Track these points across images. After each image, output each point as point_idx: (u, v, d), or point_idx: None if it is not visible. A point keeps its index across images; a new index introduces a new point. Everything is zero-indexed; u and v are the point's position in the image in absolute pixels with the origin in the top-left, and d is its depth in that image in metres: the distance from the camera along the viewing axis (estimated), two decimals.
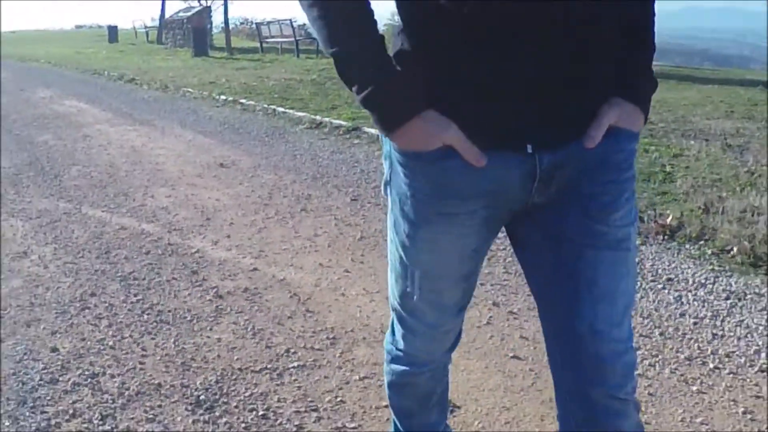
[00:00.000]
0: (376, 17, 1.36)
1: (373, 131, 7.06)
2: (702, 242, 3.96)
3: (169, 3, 37.10)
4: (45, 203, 5.12)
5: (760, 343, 2.89)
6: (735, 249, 3.77)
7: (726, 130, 7.22)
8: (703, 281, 3.49)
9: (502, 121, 1.31)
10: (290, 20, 23.74)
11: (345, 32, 1.31)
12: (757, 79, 13.03)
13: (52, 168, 6.35)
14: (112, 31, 37.61)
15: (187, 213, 4.82)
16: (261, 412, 2.44)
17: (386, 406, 2.44)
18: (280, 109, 9.34)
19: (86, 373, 2.71)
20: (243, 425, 2.37)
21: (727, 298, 3.29)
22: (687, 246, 3.95)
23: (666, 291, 3.38)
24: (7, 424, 2.39)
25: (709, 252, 3.83)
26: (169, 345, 2.93)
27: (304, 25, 36.78)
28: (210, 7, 29.72)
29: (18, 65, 22.76)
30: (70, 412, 2.45)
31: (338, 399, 2.52)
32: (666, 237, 4.06)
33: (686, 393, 2.54)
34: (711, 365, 2.73)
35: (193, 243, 4.21)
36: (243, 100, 10.43)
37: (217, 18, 29.29)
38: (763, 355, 2.80)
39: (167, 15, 34.73)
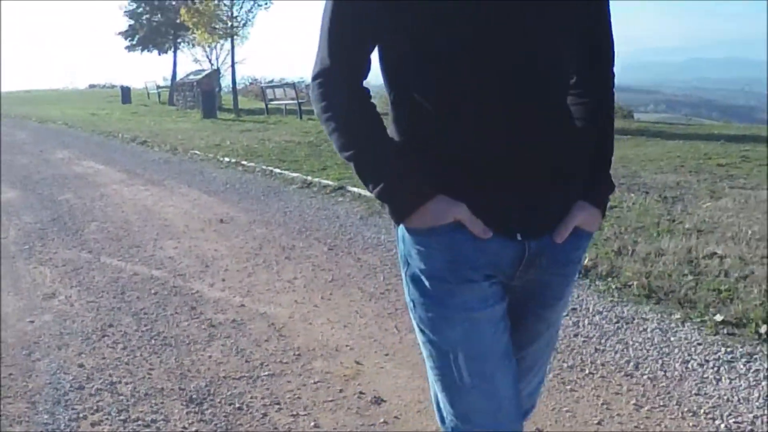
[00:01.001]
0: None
1: (356, 190, 7.90)
2: (609, 279, 4.73)
3: (180, 63, 38.18)
4: (69, 254, 5.94)
5: (632, 354, 3.65)
6: (635, 284, 4.54)
7: (668, 183, 8.04)
8: (600, 309, 4.26)
9: (495, 212, 1.48)
10: (294, 83, 24.77)
11: (355, 141, 1.49)
12: (726, 133, 13.89)
13: (74, 223, 7.18)
14: (125, 92, 38.52)
15: (190, 261, 5.63)
16: (237, 406, 3.21)
17: (332, 400, 3.24)
18: (277, 170, 10.16)
19: (106, 381, 3.49)
20: (223, 415, 3.13)
21: (617, 323, 4.05)
22: (597, 282, 4.71)
23: (567, 317, 4.15)
24: (45, 417, 3.17)
25: (614, 287, 4.59)
26: (171, 361, 3.71)
27: (308, 86, 37.89)
28: (219, 69, 30.65)
29: (36, 126, 23.55)
30: (94, 408, 3.22)
31: (296, 396, 3.29)
32: (580, 275, 4.84)
33: (561, 391, 3.30)
34: (586, 371, 3.49)
35: (193, 285, 5.00)
36: (244, 162, 11.22)
37: (228, 78, 30.24)
38: (632, 363, 3.56)
39: (178, 76, 35.85)
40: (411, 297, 1.58)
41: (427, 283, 1.52)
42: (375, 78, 1.67)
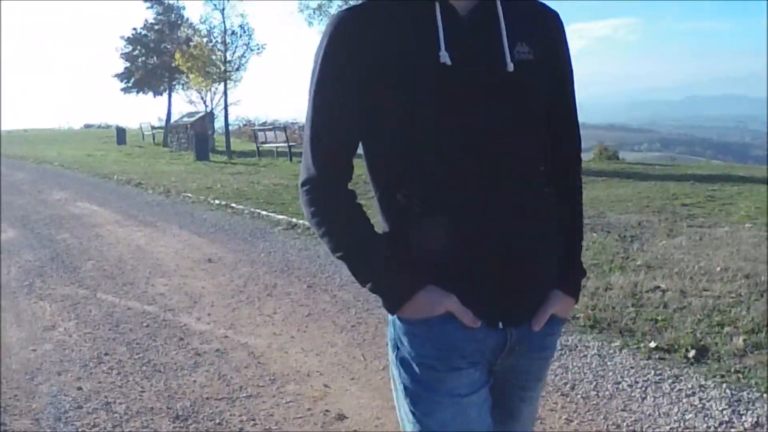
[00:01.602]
0: None
1: None
2: None
3: (175, 103, 38.56)
4: (67, 290, 6.37)
5: (570, 377, 4.09)
6: (582, 315, 4.99)
7: (631, 223, 8.53)
8: None
9: (480, 302, 1.54)
10: (284, 126, 25.30)
11: (344, 244, 1.56)
12: (699, 173, 14.41)
13: (71, 262, 7.61)
14: (121, 133, 38.71)
15: (179, 297, 6.06)
16: (218, 422, 3.63)
17: (301, 417, 3.67)
18: (264, 213, 10.59)
19: (102, 402, 3.90)
20: (205, 429, 3.56)
21: (561, 350, 4.48)
22: None
23: None
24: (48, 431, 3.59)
25: None
26: (160, 385, 4.13)
27: (302, 127, 38.24)
28: (213, 112, 31.08)
29: (34, 167, 23.87)
30: (92, 424, 3.64)
31: (270, 414, 3.72)
32: None
33: None
34: None
35: (182, 319, 5.42)
36: (234, 204, 11.66)
37: (222, 119, 30.70)
38: (569, 385, 3.99)
39: (173, 117, 36.23)
40: (401, 380, 1.62)
41: (417, 369, 1.57)
42: None
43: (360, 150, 1.63)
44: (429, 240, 1.53)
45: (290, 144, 22.56)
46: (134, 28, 41.07)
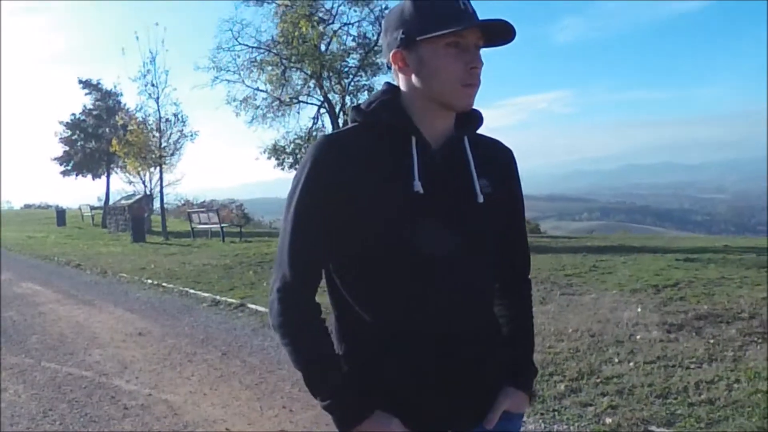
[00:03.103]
0: None
1: (254, 306, 9.38)
2: None
3: (115, 182, 38.53)
4: (15, 360, 7.21)
5: None
6: None
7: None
8: None
9: (427, 415, 1.64)
10: (217, 209, 26.14)
11: (305, 359, 1.63)
12: (601, 245, 15.54)
13: (18, 336, 8.44)
14: (61, 214, 38.92)
15: (112, 364, 6.96)
16: None
17: None
18: (191, 291, 11.47)
19: None
20: None
21: None
22: None
23: None
24: None
25: None
26: (96, 430, 5.07)
27: (242, 206, 38.78)
28: (151, 194, 31.40)
29: None
30: None
31: None
32: None
33: None
34: None
35: (114, 382, 6.33)
36: (165, 284, 12.45)
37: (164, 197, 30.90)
38: None
39: (112, 199, 35.83)
40: None
41: None
42: None
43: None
44: (382, 362, 1.64)
45: (222, 225, 23.34)
46: (73, 114, 40.96)
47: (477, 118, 1.75)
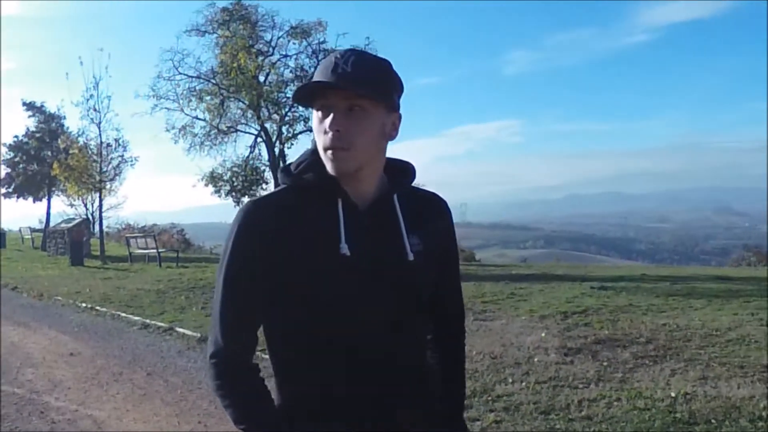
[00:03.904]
0: None
1: (181, 330, 9.86)
2: None
3: (56, 205, 38.06)
4: None
5: None
6: None
7: None
8: None
9: None
10: (154, 235, 26.31)
11: (245, 418, 1.60)
12: (526, 273, 15.53)
13: None
14: (1, 237, 37.90)
15: (44, 382, 7.38)
16: None
17: None
18: (123, 315, 11.81)
19: None
20: None
21: None
22: None
23: None
24: None
25: None
26: None
27: (183, 231, 38.78)
28: (91, 218, 31.27)
29: None
30: None
31: None
32: None
33: None
34: None
35: (44, 398, 6.77)
36: (98, 307, 12.72)
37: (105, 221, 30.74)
38: None
39: (53, 221, 35.48)
40: None
41: None
42: None
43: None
44: (319, 422, 1.62)
45: (159, 250, 23.52)
46: (16, 136, 40.64)
47: (409, 173, 1.74)
